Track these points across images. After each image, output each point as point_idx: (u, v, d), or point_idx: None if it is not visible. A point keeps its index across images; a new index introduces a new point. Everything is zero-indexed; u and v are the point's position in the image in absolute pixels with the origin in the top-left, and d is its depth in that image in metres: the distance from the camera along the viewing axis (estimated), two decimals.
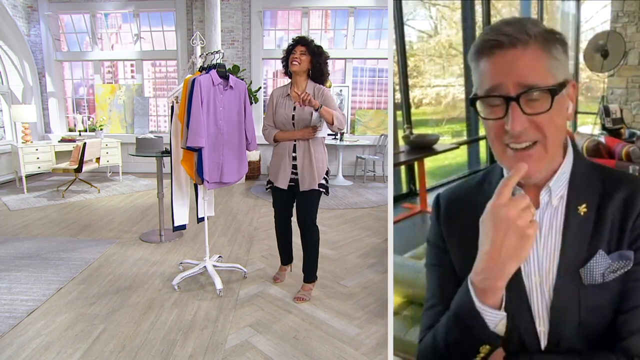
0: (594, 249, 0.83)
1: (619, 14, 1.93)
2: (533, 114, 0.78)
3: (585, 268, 0.83)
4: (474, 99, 0.84)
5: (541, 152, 0.81)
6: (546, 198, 0.86)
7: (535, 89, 0.77)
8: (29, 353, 2.17)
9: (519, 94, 0.77)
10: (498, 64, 0.79)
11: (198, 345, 2.27)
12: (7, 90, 7.26)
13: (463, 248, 0.93)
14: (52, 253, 3.59)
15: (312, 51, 2.61)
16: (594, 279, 0.82)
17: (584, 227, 0.84)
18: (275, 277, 3.06)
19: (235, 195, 6.05)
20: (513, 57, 0.78)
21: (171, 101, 3.11)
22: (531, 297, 0.87)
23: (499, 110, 0.80)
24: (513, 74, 0.78)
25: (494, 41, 0.79)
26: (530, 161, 0.80)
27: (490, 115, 0.82)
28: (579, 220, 0.84)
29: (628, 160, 1.83)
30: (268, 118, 2.73)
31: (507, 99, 0.78)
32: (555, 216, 0.86)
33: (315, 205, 2.75)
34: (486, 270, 0.79)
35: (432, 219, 1.02)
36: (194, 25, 7.48)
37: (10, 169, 6.72)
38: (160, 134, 7.78)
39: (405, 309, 1.77)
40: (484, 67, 0.81)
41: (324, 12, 8.09)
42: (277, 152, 2.72)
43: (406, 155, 2.05)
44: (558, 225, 0.86)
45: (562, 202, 0.86)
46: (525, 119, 0.78)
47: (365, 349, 2.27)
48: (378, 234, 4.34)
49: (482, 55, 0.81)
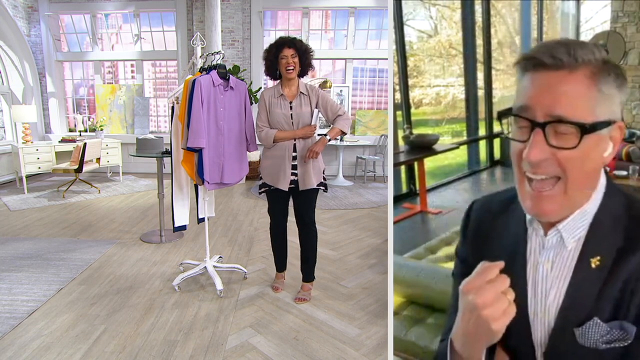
0: (591, 313, 0.74)
1: (619, 14, 1.93)
2: (558, 148, 0.69)
3: (581, 328, 0.74)
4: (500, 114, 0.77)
5: (560, 192, 0.72)
6: (554, 239, 0.78)
7: (564, 121, 0.68)
8: (30, 353, 2.17)
9: (546, 122, 0.69)
10: (536, 84, 0.72)
11: (198, 345, 2.27)
12: (7, 91, 7.27)
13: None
14: (53, 253, 3.59)
15: (300, 51, 2.57)
16: (587, 343, 0.74)
17: (590, 284, 0.74)
18: (275, 287, 2.95)
19: (235, 196, 6.05)
20: (553, 80, 0.70)
21: (172, 102, 3.11)
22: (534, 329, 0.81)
23: (525, 132, 0.73)
24: (546, 99, 0.70)
25: (536, 60, 0.72)
26: (548, 201, 0.73)
27: (515, 135, 0.75)
28: (588, 274, 0.75)
29: (628, 161, 1.83)
30: (262, 119, 2.66)
31: (533, 123, 0.71)
32: (568, 259, 0.77)
33: (314, 204, 2.76)
34: (458, 340, 0.76)
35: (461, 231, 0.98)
36: (194, 25, 7.49)
37: (10, 169, 6.72)
38: (161, 134, 7.79)
39: (406, 309, 1.77)
40: (524, 84, 0.74)
41: (324, 12, 8.08)
42: (275, 154, 2.65)
43: (406, 155, 2.04)
44: (569, 269, 0.77)
45: (578, 246, 0.76)
46: (548, 150, 0.70)
47: (365, 349, 2.27)
48: (378, 234, 4.33)
49: (526, 70, 0.74)
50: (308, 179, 2.63)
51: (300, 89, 2.63)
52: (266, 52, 2.62)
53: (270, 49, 2.60)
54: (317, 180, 2.67)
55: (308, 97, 2.64)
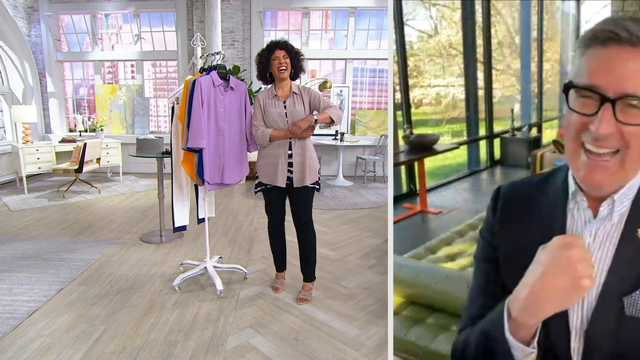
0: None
1: (619, 14, 1.93)
2: (625, 123, 0.71)
3: (630, 297, 0.75)
4: (568, 86, 0.77)
5: (617, 164, 0.73)
6: (606, 210, 0.78)
7: (636, 97, 0.69)
8: (30, 354, 2.17)
9: (617, 97, 0.70)
10: (607, 58, 0.72)
11: (199, 346, 2.27)
12: (7, 91, 7.27)
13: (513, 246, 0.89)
14: (53, 254, 3.59)
15: (291, 53, 2.66)
16: (636, 311, 0.75)
17: (638, 253, 0.76)
18: (275, 287, 2.96)
19: (235, 196, 6.05)
20: (626, 56, 0.70)
21: (172, 102, 3.11)
22: (571, 311, 0.81)
23: (590, 105, 0.73)
24: (618, 74, 0.70)
25: (613, 33, 0.71)
26: (604, 171, 0.74)
27: (579, 108, 0.75)
28: (634, 244, 0.77)
29: None
30: (257, 119, 2.73)
31: (603, 98, 0.71)
32: (611, 233, 0.79)
33: (311, 203, 2.79)
34: (525, 302, 0.74)
35: (488, 211, 0.97)
36: (195, 25, 7.49)
37: (10, 170, 6.73)
38: (161, 134, 7.78)
39: (405, 309, 1.77)
40: (592, 57, 0.74)
41: (324, 12, 8.09)
42: (270, 152, 2.69)
43: (406, 155, 2.04)
44: (613, 243, 0.78)
45: (622, 220, 0.78)
46: (614, 125, 0.71)
47: (365, 349, 2.27)
48: (378, 234, 4.33)
49: (594, 43, 0.73)
50: (306, 174, 2.67)
51: (293, 89, 2.71)
52: (258, 56, 2.73)
53: (262, 52, 2.70)
54: (313, 179, 2.72)
55: (301, 96, 2.71)
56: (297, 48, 2.72)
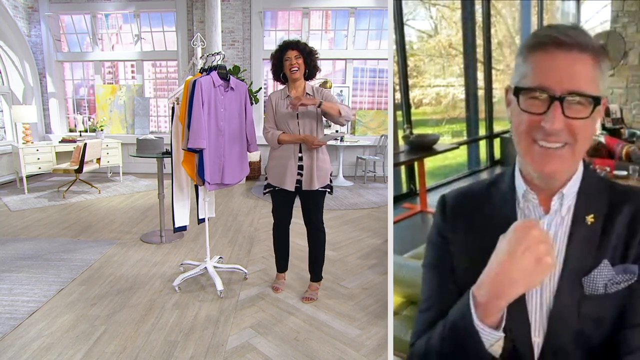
0: (599, 259, 0.83)
1: (619, 14, 1.93)
2: (572, 118, 0.79)
3: (588, 277, 0.83)
4: (518, 89, 0.84)
5: (569, 154, 0.82)
6: (557, 204, 0.86)
7: (580, 94, 0.78)
8: (30, 354, 2.17)
9: (564, 95, 0.78)
10: (552, 60, 0.80)
11: (199, 346, 2.27)
12: (7, 91, 7.27)
13: (467, 251, 0.92)
14: (53, 254, 3.60)
15: (303, 52, 2.61)
16: (596, 289, 0.83)
17: (591, 237, 0.84)
18: (275, 287, 2.96)
19: (235, 196, 6.06)
20: (569, 59, 0.79)
21: (172, 102, 3.12)
22: (530, 305, 0.86)
23: (539, 105, 0.81)
24: (564, 75, 0.79)
25: (555, 38, 0.79)
26: (557, 160, 0.81)
27: (529, 108, 0.82)
28: (585, 230, 0.85)
29: (628, 161, 1.83)
30: (269, 121, 2.72)
31: (552, 97, 0.79)
32: (561, 224, 0.87)
33: (322, 205, 2.76)
34: (491, 286, 0.78)
35: (436, 218, 1.01)
36: (195, 25, 7.49)
37: (10, 170, 6.73)
38: (161, 134, 7.78)
39: (406, 309, 1.77)
40: (538, 61, 0.81)
41: (324, 12, 8.09)
42: (281, 154, 2.67)
43: (406, 155, 2.04)
44: (563, 233, 0.86)
45: (569, 212, 0.87)
46: (563, 120, 0.79)
47: (366, 350, 2.27)
48: (379, 234, 4.33)
49: (538, 49, 0.81)
50: (313, 180, 2.63)
51: (307, 90, 2.68)
52: (271, 57, 2.69)
53: (275, 53, 2.66)
54: (323, 183, 2.67)
55: (314, 97, 2.66)
56: (312, 47, 2.66)
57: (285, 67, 2.61)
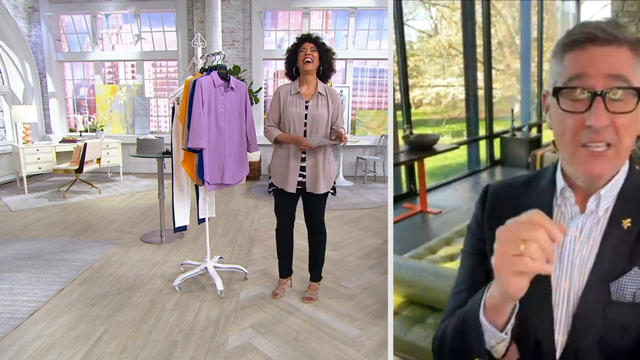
0: (630, 265, 0.80)
1: (619, 14, 1.92)
2: (616, 113, 0.76)
3: (616, 282, 0.80)
4: (557, 90, 0.81)
5: (614, 154, 0.78)
6: (593, 206, 0.83)
7: (622, 87, 0.75)
8: (31, 354, 2.17)
9: (605, 91, 0.76)
10: (588, 55, 0.77)
11: (199, 346, 2.27)
12: (8, 91, 7.27)
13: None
14: (53, 254, 3.60)
15: (321, 48, 2.52)
16: (623, 296, 0.79)
17: (625, 241, 0.81)
18: (275, 292, 2.87)
19: (235, 196, 6.06)
20: (606, 52, 0.76)
21: (172, 102, 3.12)
22: (556, 304, 0.84)
23: (580, 104, 0.78)
24: (602, 67, 0.76)
25: (590, 34, 0.77)
26: (603, 161, 0.78)
27: (571, 107, 0.79)
28: (620, 233, 0.82)
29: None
30: (273, 116, 2.61)
31: (593, 93, 0.76)
32: (596, 225, 0.84)
33: (324, 206, 2.73)
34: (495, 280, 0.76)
35: (477, 207, 1.01)
36: (195, 25, 7.49)
37: (11, 170, 6.73)
38: (161, 134, 7.78)
39: (406, 309, 1.77)
40: (574, 59, 0.79)
41: (324, 12, 8.09)
42: (283, 154, 2.60)
43: (406, 155, 2.05)
44: (598, 234, 0.83)
45: (607, 213, 0.83)
46: (608, 116, 0.76)
47: (366, 350, 2.27)
48: (379, 234, 4.33)
49: (572, 47, 0.79)
50: (316, 182, 2.58)
51: (319, 89, 2.56)
52: (287, 50, 2.61)
53: (291, 46, 2.58)
54: (328, 186, 2.63)
55: (326, 98, 2.56)
56: (330, 46, 2.58)
57: (299, 58, 2.51)
